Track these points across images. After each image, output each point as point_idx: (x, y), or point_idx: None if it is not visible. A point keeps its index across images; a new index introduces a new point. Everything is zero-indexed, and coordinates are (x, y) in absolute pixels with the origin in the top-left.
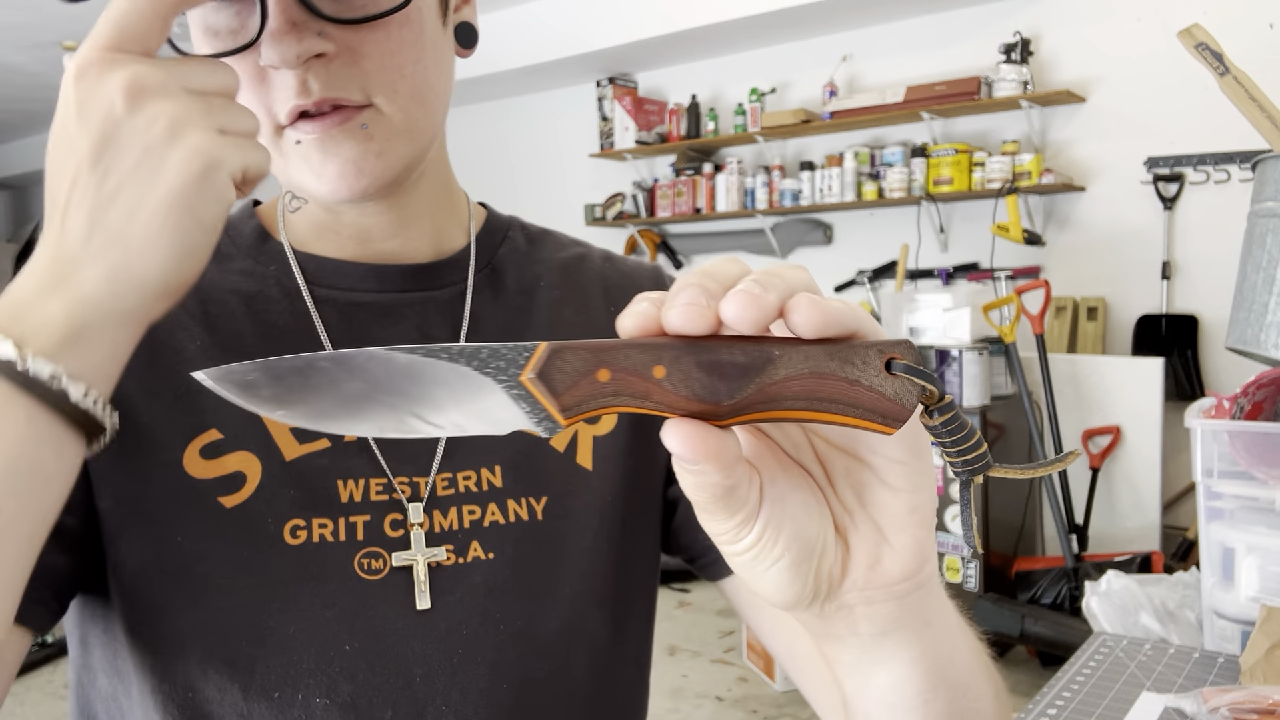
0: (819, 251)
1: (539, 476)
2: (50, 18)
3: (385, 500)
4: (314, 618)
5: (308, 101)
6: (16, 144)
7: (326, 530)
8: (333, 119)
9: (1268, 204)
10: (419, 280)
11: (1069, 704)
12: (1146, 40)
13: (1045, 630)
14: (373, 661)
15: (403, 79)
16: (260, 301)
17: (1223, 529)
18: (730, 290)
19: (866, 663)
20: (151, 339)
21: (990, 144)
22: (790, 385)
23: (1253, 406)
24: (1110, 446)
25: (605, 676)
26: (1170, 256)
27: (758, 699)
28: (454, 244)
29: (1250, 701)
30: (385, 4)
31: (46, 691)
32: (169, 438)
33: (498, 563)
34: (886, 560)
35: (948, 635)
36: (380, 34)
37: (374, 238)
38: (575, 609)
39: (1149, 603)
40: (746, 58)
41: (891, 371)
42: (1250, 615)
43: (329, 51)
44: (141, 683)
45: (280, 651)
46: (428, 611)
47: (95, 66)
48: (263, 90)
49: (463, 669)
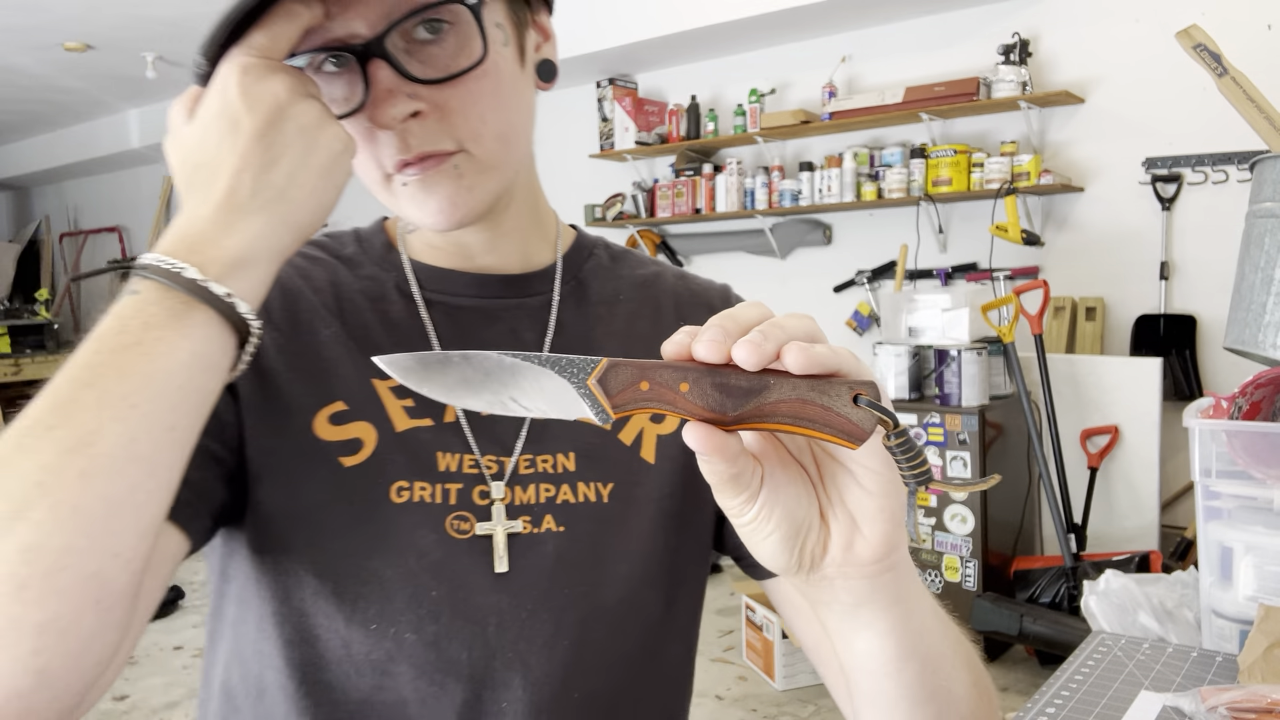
0: (818, 252)
1: (607, 465)
2: (52, 20)
3: (475, 474)
4: (409, 565)
5: (408, 155)
6: (18, 145)
7: (425, 493)
8: (429, 164)
9: (1265, 204)
10: (512, 289)
11: (1067, 703)
12: (1145, 41)
13: (1044, 629)
14: (454, 608)
15: (485, 125)
16: (382, 301)
17: (1221, 528)
18: (743, 336)
19: (848, 629)
20: (294, 324)
21: (989, 145)
22: (780, 406)
23: (1251, 406)
24: (1108, 446)
25: (656, 648)
26: (1168, 257)
27: (757, 698)
28: (542, 258)
29: (1248, 700)
30: (464, 62)
31: None
32: (303, 405)
33: (567, 536)
34: (859, 545)
35: (918, 615)
36: (462, 89)
37: (473, 253)
38: (631, 584)
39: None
40: (746, 58)
41: (858, 404)
42: (1248, 614)
43: (422, 109)
44: (261, 607)
45: (379, 590)
46: (504, 573)
47: (258, 67)
48: (373, 146)
49: (530, 624)
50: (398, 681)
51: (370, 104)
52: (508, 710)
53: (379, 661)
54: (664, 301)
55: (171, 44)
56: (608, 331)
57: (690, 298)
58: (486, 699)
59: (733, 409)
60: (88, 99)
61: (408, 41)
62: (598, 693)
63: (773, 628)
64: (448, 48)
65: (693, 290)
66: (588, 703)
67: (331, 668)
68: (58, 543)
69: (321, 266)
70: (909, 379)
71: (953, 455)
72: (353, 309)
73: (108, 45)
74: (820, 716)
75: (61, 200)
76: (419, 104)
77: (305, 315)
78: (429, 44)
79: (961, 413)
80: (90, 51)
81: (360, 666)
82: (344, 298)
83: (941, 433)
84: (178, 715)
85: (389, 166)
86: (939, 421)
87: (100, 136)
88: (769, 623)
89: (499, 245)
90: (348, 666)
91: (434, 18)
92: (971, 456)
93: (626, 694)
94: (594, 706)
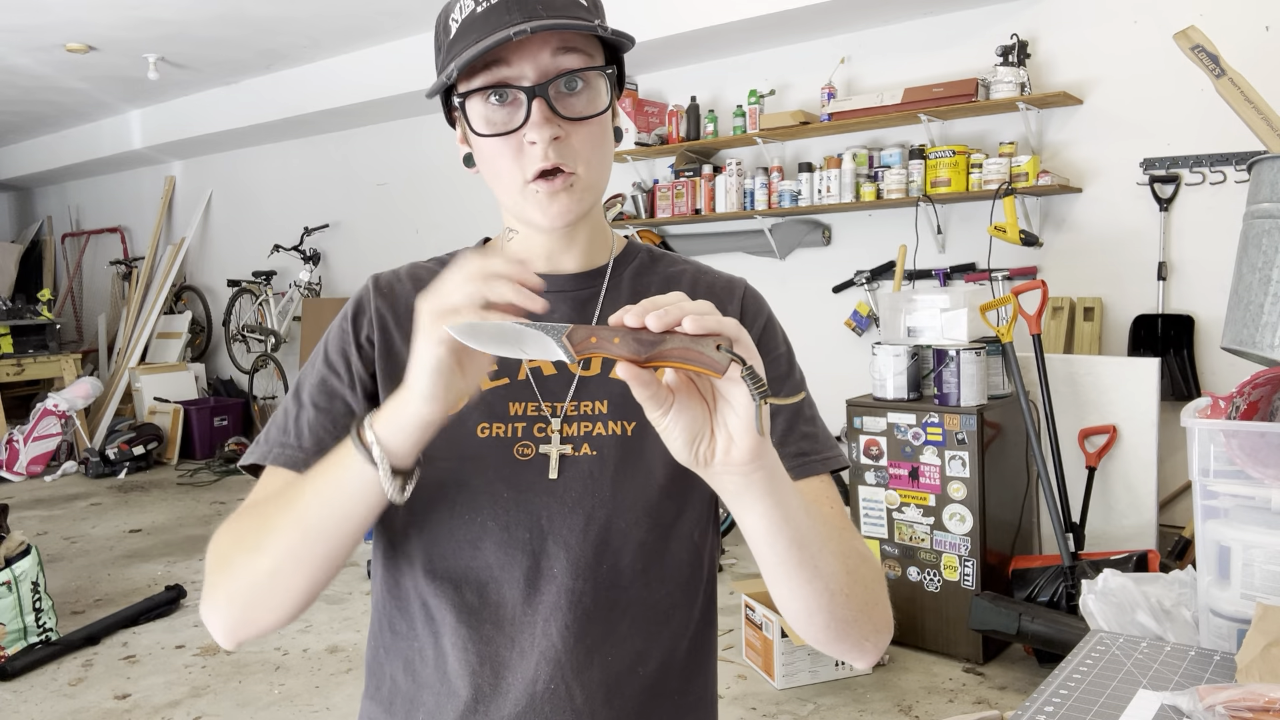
0: (818, 252)
1: (631, 409)
2: (53, 21)
3: (536, 415)
4: (489, 476)
5: (548, 165)
6: (21, 145)
7: (500, 430)
8: (557, 180)
9: (1263, 205)
10: (572, 283)
11: (1066, 701)
12: (1143, 42)
13: (1042, 628)
14: (520, 504)
15: (594, 156)
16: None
17: (1219, 527)
18: (655, 311)
19: (739, 510)
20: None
21: (987, 145)
22: (673, 352)
23: (1248, 406)
24: (1107, 446)
25: (665, 540)
26: (1166, 257)
27: (756, 696)
28: (598, 261)
29: (1246, 699)
30: (591, 111)
31: (50, 690)
32: None
33: (598, 458)
34: (734, 451)
35: (785, 506)
36: (585, 129)
37: (553, 255)
38: (646, 493)
39: (1145, 601)
40: (745, 60)
41: (719, 350)
42: (1246, 613)
43: (561, 135)
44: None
45: (468, 494)
46: (554, 480)
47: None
48: (520, 158)
49: (571, 516)
50: (484, 552)
51: (530, 125)
52: (557, 574)
53: (472, 539)
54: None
55: (173, 45)
56: None
57: (705, 291)
58: (543, 566)
59: (644, 353)
60: (90, 100)
61: (555, 90)
62: (620, 567)
63: (772, 626)
64: (582, 100)
65: (706, 284)
66: (613, 573)
67: (442, 544)
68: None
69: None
70: (908, 379)
71: (951, 454)
72: None
73: (109, 46)
74: (819, 715)
75: (64, 201)
76: (561, 131)
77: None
78: (569, 95)
79: (960, 412)
80: (92, 53)
81: (460, 544)
82: None
83: (940, 432)
84: (179, 714)
85: (529, 174)
86: (938, 421)
87: (102, 137)
88: (768, 621)
89: (571, 249)
90: (451, 544)
91: (578, 79)
92: (970, 456)
93: (641, 572)
94: (617, 576)
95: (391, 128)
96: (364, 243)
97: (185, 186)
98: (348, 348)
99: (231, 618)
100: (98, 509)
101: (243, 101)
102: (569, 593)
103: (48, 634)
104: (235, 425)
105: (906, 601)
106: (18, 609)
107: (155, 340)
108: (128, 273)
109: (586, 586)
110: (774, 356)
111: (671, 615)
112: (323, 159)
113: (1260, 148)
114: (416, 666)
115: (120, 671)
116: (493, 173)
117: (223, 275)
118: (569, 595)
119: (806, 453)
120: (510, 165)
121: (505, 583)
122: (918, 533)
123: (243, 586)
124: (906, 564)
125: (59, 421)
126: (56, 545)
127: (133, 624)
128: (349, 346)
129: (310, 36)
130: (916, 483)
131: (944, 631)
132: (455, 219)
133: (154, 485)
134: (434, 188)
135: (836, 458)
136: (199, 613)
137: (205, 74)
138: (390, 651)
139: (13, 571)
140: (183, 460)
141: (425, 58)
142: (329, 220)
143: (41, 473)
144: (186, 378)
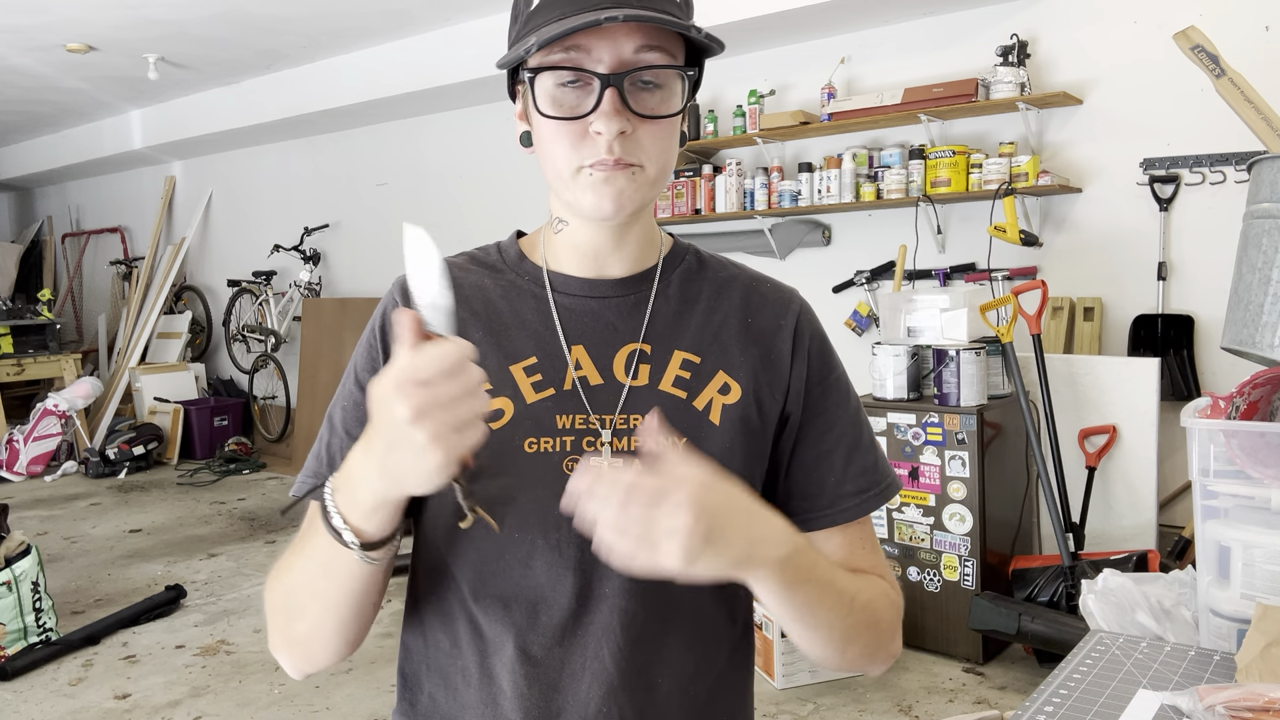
0: (817, 252)
1: (682, 424)
2: (53, 21)
3: (584, 429)
4: (538, 492)
5: (610, 159)
6: (21, 145)
7: (549, 444)
8: (617, 165)
9: (1263, 205)
10: (618, 289)
11: (1065, 701)
12: (1143, 42)
13: (1042, 628)
14: (569, 521)
15: (660, 153)
16: (518, 301)
17: (1218, 527)
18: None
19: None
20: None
21: (987, 145)
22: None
23: (1248, 406)
24: (1106, 446)
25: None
26: (1166, 257)
27: (757, 696)
28: (647, 263)
29: (1246, 699)
30: (664, 110)
31: (50, 690)
32: None
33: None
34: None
35: (791, 604)
36: (655, 128)
37: (600, 254)
38: None
39: (1145, 601)
40: (745, 60)
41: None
42: (1246, 613)
43: (628, 131)
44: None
45: (519, 510)
46: None
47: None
48: (580, 145)
49: None
50: (535, 571)
51: (598, 115)
52: (608, 594)
53: (522, 558)
54: (735, 302)
55: (173, 45)
56: (689, 325)
57: (759, 300)
58: (594, 583)
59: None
60: (90, 100)
61: (630, 84)
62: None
63: (772, 627)
64: (655, 97)
65: (760, 293)
66: (664, 591)
67: (490, 563)
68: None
69: (472, 274)
70: (907, 379)
71: (951, 455)
72: (492, 312)
73: (109, 46)
74: (819, 715)
75: (64, 200)
76: (629, 125)
77: (461, 327)
78: (643, 90)
79: (960, 412)
80: (92, 53)
81: (509, 563)
82: (486, 303)
83: (940, 432)
84: (179, 714)
85: (586, 162)
86: (937, 421)
87: (102, 137)
88: (768, 622)
89: (618, 251)
90: (500, 563)
91: (656, 75)
92: (970, 456)
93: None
94: (668, 594)
95: (391, 128)
96: (364, 243)
97: (185, 186)
98: (377, 363)
99: (295, 659)
100: (98, 509)
101: (243, 101)
102: (622, 613)
103: (48, 634)
104: (235, 425)
105: (906, 601)
106: (18, 609)
107: (155, 340)
108: (128, 273)
109: (638, 606)
110: (833, 378)
111: (720, 632)
112: (323, 159)
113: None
114: (458, 686)
115: (120, 671)
116: (547, 155)
117: (223, 275)
118: (621, 616)
119: (865, 489)
120: (568, 150)
121: (556, 602)
122: (918, 533)
123: (295, 639)
124: (906, 564)
125: (59, 421)
126: (56, 545)
127: (133, 624)
128: (379, 362)
129: (310, 36)
130: (916, 483)
131: (944, 631)
132: (456, 219)
133: (154, 485)
134: (434, 188)
135: (890, 485)
136: (268, 647)
137: (205, 74)
138: (430, 667)
139: (13, 571)
140: (183, 460)
141: (425, 58)
142: (329, 220)
143: (42, 473)
144: (186, 378)
